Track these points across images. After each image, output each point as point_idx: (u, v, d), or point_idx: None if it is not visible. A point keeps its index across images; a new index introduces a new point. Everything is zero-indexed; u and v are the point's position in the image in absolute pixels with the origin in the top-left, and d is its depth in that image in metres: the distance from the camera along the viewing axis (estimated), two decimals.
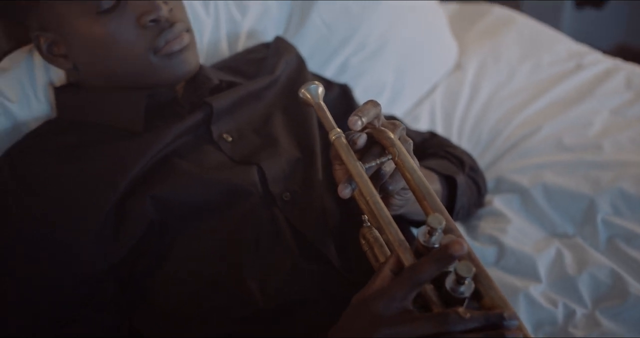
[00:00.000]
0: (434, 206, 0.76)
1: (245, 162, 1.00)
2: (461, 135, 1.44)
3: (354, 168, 0.78)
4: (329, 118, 0.83)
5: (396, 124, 0.84)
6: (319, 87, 0.86)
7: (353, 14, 1.39)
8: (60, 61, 1.02)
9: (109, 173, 0.93)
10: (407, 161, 0.78)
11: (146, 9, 0.97)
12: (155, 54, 0.99)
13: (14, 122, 1.09)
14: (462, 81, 1.55)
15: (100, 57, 1.00)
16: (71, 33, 0.99)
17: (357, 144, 0.80)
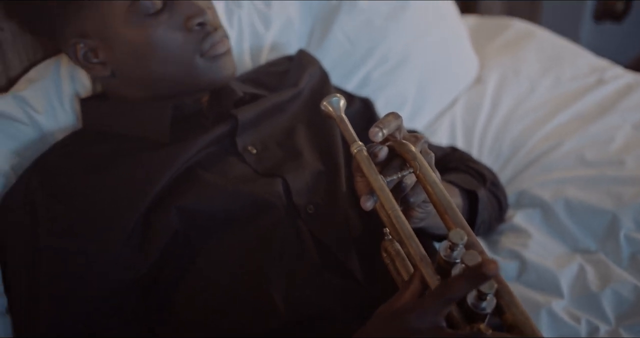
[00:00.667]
0: (455, 220, 0.76)
1: (269, 174, 1.00)
2: (482, 148, 1.44)
3: (376, 181, 0.78)
4: (350, 131, 0.83)
5: (418, 136, 0.84)
6: (341, 99, 0.86)
7: (375, 28, 1.40)
8: (98, 69, 1.02)
9: (136, 184, 0.94)
10: (428, 175, 0.78)
11: (192, 12, 0.99)
12: (201, 56, 1.01)
13: (41, 133, 1.10)
14: (482, 95, 1.55)
15: (144, 61, 1.00)
16: (115, 38, 0.99)
17: (378, 157, 0.80)
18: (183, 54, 1.00)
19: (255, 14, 1.34)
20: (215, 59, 1.02)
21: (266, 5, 1.37)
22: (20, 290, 0.94)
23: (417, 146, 0.82)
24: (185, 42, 1.00)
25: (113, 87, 1.06)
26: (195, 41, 1.00)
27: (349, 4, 1.38)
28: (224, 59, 1.03)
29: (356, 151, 0.80)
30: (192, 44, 1.00)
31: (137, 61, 1.00)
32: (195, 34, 1.00)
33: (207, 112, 1.07)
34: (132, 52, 0.99)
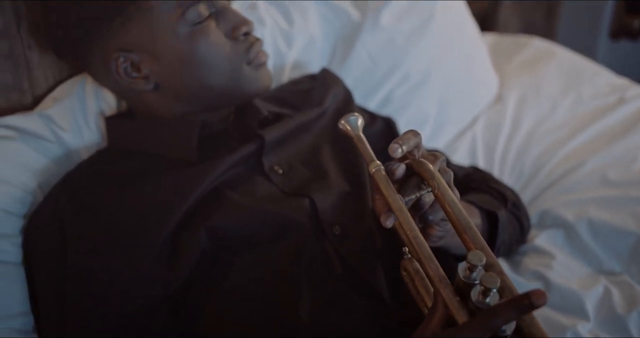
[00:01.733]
0: (474, 240, 0.75)
1: (296, 194, 1.00)
2: (503, 168, 1.43)
3: (394, 202, 0.78)
4: (368, 150, 0.83)
5: (437, 155, 0.85)
6: (359, 118, 0.87)
7: (397, 46, 1.40)
8: (140, 83, 1.02)
9: (164, 203, 0.94)
10: (447, 194, 0.78)
11: (238, 22, 1.02)
12: (248, 64, 1.03)
13: (66, 151, 1.10)
14: (503, 113, 1.54)
15: (191, 71, 1.00)
16: (162, 49, 0.99)
17: (395, 175, 0.80)
18: (231, 62, 1.01)
19: (278, 32, 1.35)
20: (258, 68, 1.04)
21: (289, 24, 1.37)
22: (48, 309, 0.94)
23: (436, 165, 0.82)
24: (233, 51, 1.01)
25: (148, 102, 1.05)
26: (242, 50, 1.02)
27: (371, 23, 1.39)
28: (265, 68, 1.06)
29: (374, 170, 0.80)
30: (239, 53, 1.02)
31: (184, 72, 1.00)
32: (241, 44, 1.02)
33: (232, 131, 1.07)
34: (179, 63, 0.99)
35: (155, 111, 1.06)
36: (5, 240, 0.99)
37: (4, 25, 1.07)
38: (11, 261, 0.98)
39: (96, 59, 1.03)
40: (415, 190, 0.80)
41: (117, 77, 1.01)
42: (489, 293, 0.69)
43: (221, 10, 1.03)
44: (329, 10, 1.42)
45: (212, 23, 1.01)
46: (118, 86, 1.04)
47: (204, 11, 0.99)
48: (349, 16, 1.41)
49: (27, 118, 1.08)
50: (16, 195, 1.01)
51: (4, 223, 0.99)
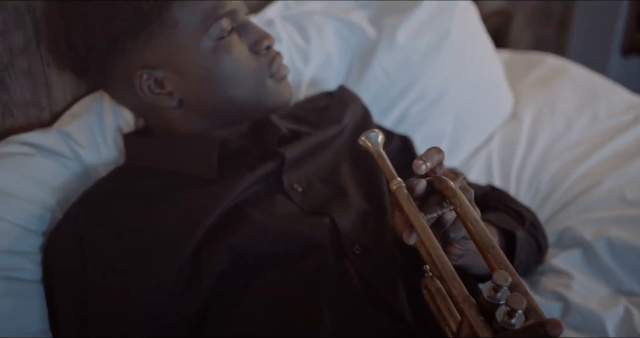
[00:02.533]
0: (497, 259, 0.75)
1: (316, 212, 1.00)
2: (519, 186, 1.43)
3: (417, 220, 0.78)
4: (389, 167, 0.83)
5: (457, 173, 0.84)
6: (379, 135, 0.87)
7: (413, 64, 1.40)
8: (164, 99, 1.02)
9: (185, 222, 0.94)
10: (469, 212, 0.78)
11: (261, 36, 1.03)
12: (271, 78, 1.04)
13: (84, 167, 1.10)
14: (518, 131, 1.54)
15: (216, 86, 1.00)
16: (186, 65, 0.99)
17: (416, 191, 0.80)
18: (255, 75, 1.02)
19: (295, 50, 1.35)
20: (280, 81, 1.05)
21: (305, 41, 1.37)
22: (68, 327, 0.93)
23: (457, 182, 0.82)
24: (257, 64, 1.02)
25: (170, 119, 1.05)
26: (265, 63, 1.03)
27: (387, 40, 1.39)
28: (286, 81, 1.07)
29: (395, 187, 0.80)
30: (262, 66, 1.03)
31: (208, 87, 1.00)
32: (263, 57, 1.03)
33: (251, 148, 1.07)
34: (204, 78, 1.00)
35: (175, 128, 1.06)
36: (24, 257, 0.98)
37: (24, 42, 1.08)
38: (30, 279, 0.98)
39: (118, 76, 1.03)
40: (437, 208, 0.80)
41: (141, 94, 1.01)
42: (515, 314, 0.68)
43: (243, 24, 1.03)
44: (344, 28, 1.42)
45: (235, 37, 1.01)
46: (140, 103, 1.04)
47: (227, 26, 1.00)
48: (365, 33, 1.41)
49: (45, 135, 1.08)
50: (35, 212, 1.01)
51: (23, 240, 0.99)
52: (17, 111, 1.10)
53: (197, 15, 0.98)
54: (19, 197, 1.00)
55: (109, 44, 0.99)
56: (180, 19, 0.97)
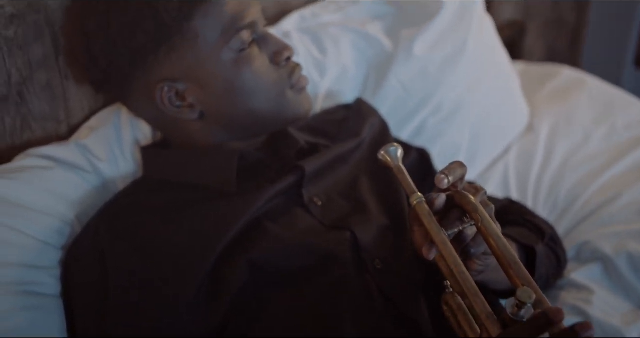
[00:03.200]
0: (520, 275, 0.74)
1: (336, 226, 0.99)
2: (537, 198, 1.41)
3: (438, 235, 0.77)
4: (409, 181, 0.83)
5: (477, 188, 0.84)
6: (399, 149, 0.86)
7: (430, 76, 1.39)
8: (185, 112, 1.02)
9: (205, 236, 0.93)
10: (490, 228, 0.77)
11: (281, 48, 1.03)
12: (291, 89, 1.04)
13: (103, 181, 1.10)
14: (535, 143, 1.53)
15: (237, 98, 1.00)
16: (208, 77, 0.99)
17: (435, 205, 0.80)
18: (276, 87, 1.02)
19: (311, 62, 1.35)
20: (300, 92, 1.05)
21: (321, 53, 1.37)
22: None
23: (477, 197, 0.81)
24: (278, 76, 1.03)
25: (190, 131, 1.04)
26: (285, 75, 1.03)
27: (404, 52, 1.38)
28: (306, 92, 1.07)
29: (416, 203, 0.80)
30: (283, 77, 1.03)
31: (230, 99, 1.01)
32: (283, 69, 1.03)
33: (269, 161, 1.06)
34: (225, 90, 1.00)
35: (194, 140, 1.05)
36: (44, 272, 0.98)
37: (43, 56, 1.08)
38: (49, 293, 0.98)
39: (138, 89, 1.02)
40: (457, 223, 0.79)
41: (162, 106, 1.01)
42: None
43: (263, 36, 1.04)
44: (361, 40, 1.41)
45: (255, 49, 1.01)
46: (159, 116, 1.04)
47: (248, 38, 1.00)
48: (382, 45, 1.41)
49: (64, 148, 1.08)
50: (54, 226, 1.01)
51: (42, 255, 0.98)
52: (35, 124, 1.10)
53: (218, 27, 0.98)
54: (38, 211, 1.00)
55: (130, 57, 0.99)
56: (201, 31, 0.97)
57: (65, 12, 1.08)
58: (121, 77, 1.02)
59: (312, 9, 1.46)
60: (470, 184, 0.86)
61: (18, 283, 0.95)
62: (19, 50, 1.05)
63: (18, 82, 1.06)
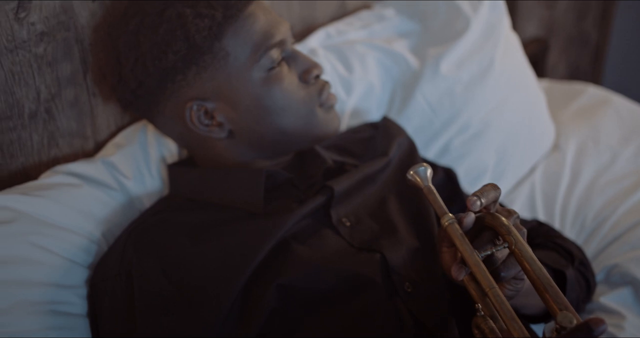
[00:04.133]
0: (556, 299, 0.73)
1: (365, 248, 0.98)
2: (564, 220, 1.39)
3: (471, 257, 0.76)
4: (439, 202, 0.82)
5: (511, 211, 0.83)
6: (428, 169, 0.85)
7: (457, 95, 1.38)
8: (215, 130, 1.01)
9: (235, 260, 0.92)
10: (525, 251, 0.76)
11: (310, 65, 1.03)
12: (320, 107, 1.04)
13: (129, 198, 1.10)
14: (561, 163, 1.51)
15: (267, 116, 1.00)
16: (238, 96, 0.99)
17: (464, 224, 0.79)
18: (306, 105, 1.02)
19: (337, 80, 1.34)
20: (329, 110, 1.05)
21: (348, 71, 1.36)
22: None
23: (510, 220, 0.80)
24: (307, 94, 1.03)
25: (218, 150, 1.04)
26: (315, 92, 1.03)
27: (430, 71, 1.37)
28: (334, 110, 1.07)
29: (447, 224, 0.79)
30: (312, 95, 1.03)
31: (259, 117, 1.00)
32: (312, 87, 1.03)
33: (297, 180, 1.05)
34: (255, 109, 1.00)
35: (222, 158, 1.05)
36: (71, 291, 0.97)
37: (71, 73, 1.08)
38: (76, 313, 0.97)
39: (167, 108, 1.02)
40: (489, 245, 0.78)
41: (191, 125, 1.01)
42: None
43: (292, 54, 1.04)
44: (387, 57, 1.41)
45: (284, 67, 1.01)
46: (187, 134, 1.03)
47: (277, 56, 1.00)
48: (408, 63, 1.40)
49: (91, 165, 1.08)
50: (82, 245, 1.00)
51: (69, 273, 0.98)
52: (62, 141, 1.10)
53: (248, 46, 0.98)
54: (65, 229, 0.99)
55: (159, 77, 0.98)
56: (231, 50, 0.97)
57: (95, 30, 1.08)
58: (150, 96, 1.01)
59: (338, 25, 1.46)
60: (503, 207, 0.85)
61: (45, 302, 0.94)
62: (48, 67, 1.05)
63: (46, 98, 1.06)
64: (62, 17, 1.04)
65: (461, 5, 1.45)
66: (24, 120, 1.04)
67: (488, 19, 1.45)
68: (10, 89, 1.01)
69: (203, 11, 0.96)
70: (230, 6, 0.97)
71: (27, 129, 1.05)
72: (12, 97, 1.01)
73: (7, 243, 0.93)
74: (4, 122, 1.02)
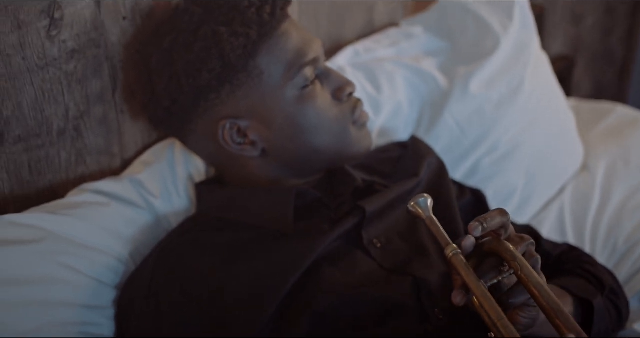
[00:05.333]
0: (568, 326, 0.71)
1: (396, 271, 0.96)
2: (595, 243, 1.36)
3: (477, 288, 0.75)
4: (442, 233, 0.81)
5: (524, 237, 0.81)
6: (428, 199, 0.84)
7: (486, 115, 1.36)
8: (247, 149, 1.01)
9: (266, 284, 0.90)
10: (531, 276, 0.75)
11: (343, 83, 1.03)
12: (353, 124, 1.03)
13: (156, 217, 1.09)
14: (591, 184, 1.48)
15: (301, 135, 1.00)
16: (271, 114, 0.99)
17: (463, 249, 0.77)
18: (340, 123, 1.02)
19: (366, 99, 1.32)
20: (361, 128, 1.05)
21: (376, 90, 1.35)
22: None
23: (521, 247, 0.79)
24: (340, 112, 1.02)
25: (249, 169, 1.03)
26: (348, 110, 1.02)
27: (460, 90, 1.36)
28: (366, 128, 1.06)
29: (452, 255, 0.78)
30: (345, 113, 1.02)
31: (293, 135, 1.00)
32: (345, 105, 1.03)
33: (326, 199, 1.04)
34: (288, 127, 0.99)
35: (251, 177, 1.04)
36: (98, 312, 0.96)
37: (101, 90, 1.08)
38: (104, 334, 0.96)
39: (199, 126, 1.01)
40: (495, 272, 0.77)
41: (224, 144, 1.00)
42: None
43: (325, 72, 1.03)
44: (415, 76, 1.39)
45: (318, 85, 1.01)
46: (218, 152, 1.02)
47: (311, 74, 1.00)
48: (436, 82, 1.38)
49: (118, 183, 1.07)
50: (110, 264, 0.99)
51: (97, 294, 0.97)
52: (89, 158, 1.10)
53: (282, 64, 0.97)
54: (93, 248, 0.98)
55: (193, 95, 0.98)
56: (265, 68, 0.97)
57: (125, 47, 1.07)
58: (183, 114, 1.01)
59: (366, 43, 1.45)
60: (518, 234, 0.83)
61: (73, 323, 0.93)
62: (78, 84, 1.04)
63: (75, 116, 1.05)
64: (93, 34, 1.03)
65: (491, 23, 1.43)
66: (53, 138, 1.03)
67: (518, 38, 1.44)
68: (40, 107, 1.00)
69: (238, 29, 0.95)
70: (264, 24, 0.96)
71: (56, 147, 1.04)
72: (42, 114, 1.01)
73: (35, 263, 0.92)
74: (33, 139, 1.01)
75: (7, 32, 0.93)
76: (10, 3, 0.92)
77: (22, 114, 0.99)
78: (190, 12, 1.00)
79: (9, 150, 0.99)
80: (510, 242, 0.80)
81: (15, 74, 0.96)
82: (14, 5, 0.93)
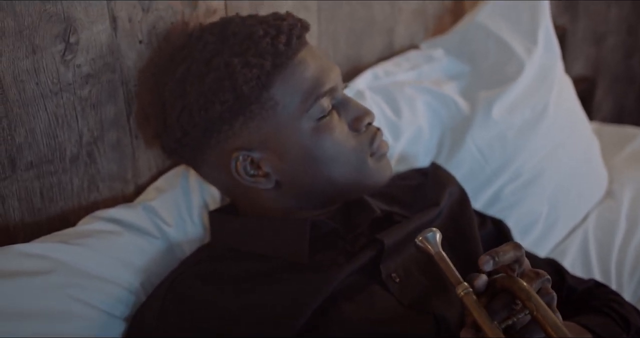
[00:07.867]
0: None
1: (416, 307, 0.92)
2: (621, 274, 1.32)
3: (491, 330, 0.72)
4: (452, 270, 0.78)
5: (540, 273, 0.78)
6: (437, 234, 0.81)
7: (509, 141, 1.33)
8: (261, 181, 0.97)
9: (281, 315, 0.87)
10: (548, 316, 0.72)
11: (361, 113, 0.99)
12: (371, 156, 0.99)
13: (169, 246, 1.06)
14: (616, 211, 1.44)
15: (317, 166, 0.96)
16: (286, 146, 0.95)
17: (476, 288, 0.75)
18: (357, 154, 0.98)
19: (385, 123, 1.30)
20: (380, 159, 1.00)
21: (396, 114, 1.32)
22: None
23: (535, 284, 0.76)
24: (358, 143, 0.98)
25: (263, 200, 1.00)
26: (366, 141, 0.98)
27: (482, 115, 1.33)
28: (386, 158, 1.02)
29: (463, 294, 0.75)
30: (363, 144, 0.98)
31: (308, 167, 0.96)
32: (363, 135, 0.99)
33: (343, 231, 1.00)
34: (304, 159, 0.96)
35: (266, 209, 1.01)
36: None
37: (115, 115, 1.05)
38: None
39: (211, 157, 0.99)
40: (507, 310, 0.74)
41: (237, 176, 0.97)
42: None
43: (342, 101, 1.00)
44: (436, 100, 1.36)
45: (335, 116, 0.97)
46: (231, 183, 0.99)
47: (327, 105, 0.96)
48: (457, 107, 1.35)
49: (131, 211, 1.04)
50: (120, 296, 0.96)
51: (107, 327, 0.94)
52: (102, 184, 1.07)
53: (298, 95, 0.94)
54: (104, 279, 0.95)
55: (205, 127, 0.95)
56: (280, 99, 0.94)
57: (141, 71, 1.05)
58: (195, 145, 0.98)
59: (386, 66, 1.42)
60: (532, 269, 0.79)
61: None
62: (92, 109, 1.02)
63: (89, 141, 1.03)
64: (109, 58, 1.01)
65: (514, 47, 1.40)
66: (65, 164, 1.01)
67: (542, 62, 1.41)
68: (53, 133, 0.98)
69: (251, 60, 0.92)
70: (279, 54, 0.93)
71: (68, 173, 1.02)
72: (55, 140, 0.99)
73: (45, 296, 0.89)
74: (45, 166, 0.99)
75: (22, 57, 0.91)
76: (25, 28, 0.90)
77: (34, 140, 0.96)
78: (205, 40, 0.97)
79: (21, 177, 0.96)
80: (524, 277, 0.77)
81: (28, 99, 0.94)
82: (29, 30, 0.91)
